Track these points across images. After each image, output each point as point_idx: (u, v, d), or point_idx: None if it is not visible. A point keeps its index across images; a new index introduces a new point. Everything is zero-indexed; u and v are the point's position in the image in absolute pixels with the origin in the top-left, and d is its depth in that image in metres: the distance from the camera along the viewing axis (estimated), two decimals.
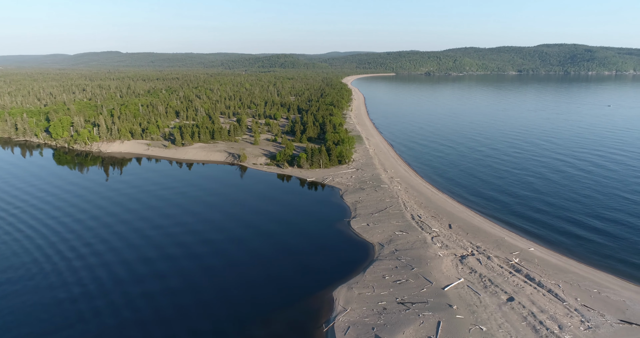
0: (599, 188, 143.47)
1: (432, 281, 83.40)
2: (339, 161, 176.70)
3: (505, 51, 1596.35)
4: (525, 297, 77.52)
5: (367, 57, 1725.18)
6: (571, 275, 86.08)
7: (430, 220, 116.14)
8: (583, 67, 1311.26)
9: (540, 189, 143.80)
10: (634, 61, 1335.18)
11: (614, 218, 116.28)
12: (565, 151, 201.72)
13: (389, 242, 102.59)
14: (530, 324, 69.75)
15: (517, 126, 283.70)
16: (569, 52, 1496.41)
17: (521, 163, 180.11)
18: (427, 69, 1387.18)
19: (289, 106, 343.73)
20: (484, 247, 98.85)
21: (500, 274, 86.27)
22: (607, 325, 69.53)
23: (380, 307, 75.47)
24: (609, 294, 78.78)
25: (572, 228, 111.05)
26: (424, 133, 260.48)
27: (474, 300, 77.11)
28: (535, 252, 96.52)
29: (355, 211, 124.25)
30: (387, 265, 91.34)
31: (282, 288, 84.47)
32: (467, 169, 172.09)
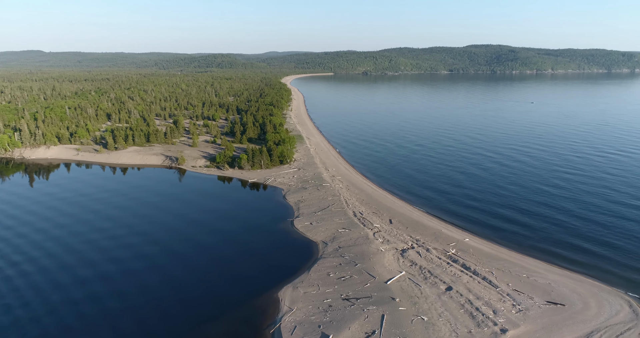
0: (522, 181, 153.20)
1: (376, 276, 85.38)
2: (280, 161, 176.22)
3: (437, 51, 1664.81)
4: (463, 286, 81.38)
5: (305, 57, 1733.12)
6: (503, 262, 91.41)
7: (372, 216, 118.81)
8: (508, 66, 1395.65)
9: (471, 183, 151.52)
10: (551, 60, 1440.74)
11: (537, 208, 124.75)
12: (492, 147, 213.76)
13: (333, 240, 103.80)
14: (468, 311, 73.31)
15: (449, 123, 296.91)
16: (494, 52, 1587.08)
17: (453, 158, 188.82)
18: (364, 69, 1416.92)
19: (227, 106, 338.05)
20: (423, 240, 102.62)
21: (439, 265, 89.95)
22: (535, 307, 74.57)
23: (326, 305, 76.19)
24: (537, 278, 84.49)
25: (501, 218, 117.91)
26: (363, 131, 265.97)
27: (415, 291, 79.84)
28: (470, 242, 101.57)
29: (298, 210, 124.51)
30: (332, 262, 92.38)
31: (225, 293, 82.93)
32: (404, 165, 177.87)
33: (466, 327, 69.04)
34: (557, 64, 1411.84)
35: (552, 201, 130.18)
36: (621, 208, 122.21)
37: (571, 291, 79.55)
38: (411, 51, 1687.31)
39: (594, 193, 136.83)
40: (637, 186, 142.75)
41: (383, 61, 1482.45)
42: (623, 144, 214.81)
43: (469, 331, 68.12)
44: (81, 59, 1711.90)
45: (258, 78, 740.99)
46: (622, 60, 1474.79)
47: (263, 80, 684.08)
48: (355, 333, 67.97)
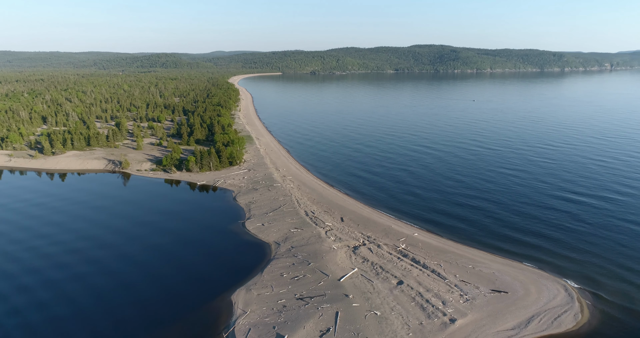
0: (463, 176, 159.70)
1: (329, 274, 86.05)
2: (230, 163, 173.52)
3: (382, 51, 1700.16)
4: (413, 279, 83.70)
5: (253, 56, 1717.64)
6: (450, 254, 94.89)
7: (324, 214, 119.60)
8: (450, 66, 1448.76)
9: (417, 179, 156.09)
10: (490, 60, 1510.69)
11: (479, 202, 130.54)
12: (435, 144, 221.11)
13: (285, 240, 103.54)
14: (419, 303, 75.50)
15: (395, 121, 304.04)
16: (437, 52, 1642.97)
17: (399, 156, 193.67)
18: (313, 69, 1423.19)
19: (173, 107, 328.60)
20: (374, 236, 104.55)
21: (390, 260, 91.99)
22: (481, 296, 78.01)
23: (280, 305, 75.91)
24: (482, 268, 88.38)
25: (446, 212, 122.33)
26: (313, 130, 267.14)
27: (367, 287, 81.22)
28: (419, 237, 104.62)
29: (249, 212, 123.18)
30: (285, 262, 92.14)
31: (177, 298, 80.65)
32: (354, 164, 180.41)
33: (417, 319, 71.10)
34: (495, 63, 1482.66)
35: (492, 194, 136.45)
36: (552, 200, 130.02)
37: (513, 279, 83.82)
38: (358, 51, 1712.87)
39: (527, 185, 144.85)
40: (564, 178, 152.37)
41: (331, 61, 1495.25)
42: (552, 138, 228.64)
43: (420, 323, 70.20)
44: (11, 58, 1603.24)
45: (205, 78, 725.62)
46: (553, 60, 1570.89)
47: (210, 80, 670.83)
48: (310, 332, 68.20)
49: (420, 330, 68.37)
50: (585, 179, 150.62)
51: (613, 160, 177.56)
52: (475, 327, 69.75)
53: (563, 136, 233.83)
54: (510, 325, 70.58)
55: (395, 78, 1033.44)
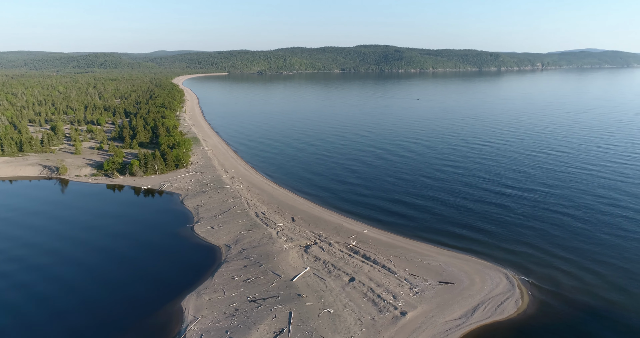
0: (408, 173, 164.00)
1: (281, 275, 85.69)
2: (176, 166, 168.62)
3: (329, 51, 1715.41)
4: (364, 275, 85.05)
5: (197, 56, 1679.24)
6: (399, 249, 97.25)
7: (274, 215, 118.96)
8: (394, 65, 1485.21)
9: (365, 176, 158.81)
10: (432, 60, 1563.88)
11: (425, 197, 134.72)
12: (381, 142, 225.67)
13: (236, 242, 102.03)
14: (370, 299, 76.82)
15: (342, 121, 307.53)
16: (382, 52, 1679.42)
17: (347, 155, 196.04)
18: (259, 68, 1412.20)
19: (114, 109, 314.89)
20: (325, 235, 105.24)
21: (341, 258, 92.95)
22: (430, 288, 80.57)
23: (233, 309, 74.71)
24: (430, 261, 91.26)
25: (395, 208, 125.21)
26: (261, 131, 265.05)
27: (320, 285, 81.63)
28: (369, 233, 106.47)
29: (198, 215, 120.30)
30: (236, 265, 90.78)
31: (125, 310, 77.35)
32: (303, 163, 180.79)
33: (369, 314, 72.33)
34: (437, 63, 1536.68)
35: (435, 190, 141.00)
36: (489, 194, 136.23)
37: (459, 271, 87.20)
38: (304, 51, 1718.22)
39: (466, 181, 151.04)
40: (499, 173, 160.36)
41: (277, 61, 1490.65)
42: (488, 135, 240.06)
43: (372, 318, 71.47)
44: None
45: (147, 79, 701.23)
46: (490, 59, 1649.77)
47: (153, 81, 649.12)
48: (263, 334, 67.61)
49: (373, 325, 69.60)
50: (517, 173, 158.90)
51: (541, 154, 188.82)
52: (425, 318, 71.93)
53: (498, 133, 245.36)
54: (457, 314, 73.38)
55: (342, 78, 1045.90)
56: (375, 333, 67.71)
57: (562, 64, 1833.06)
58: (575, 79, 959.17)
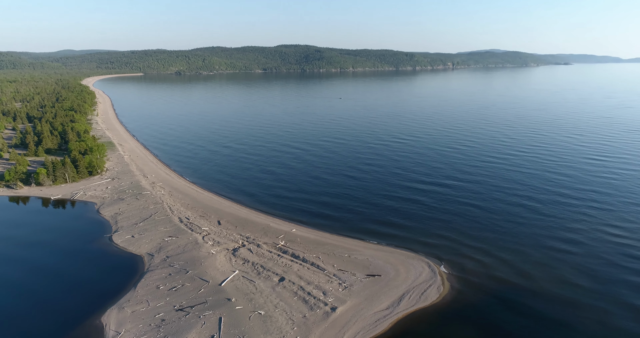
0: (332, 171, 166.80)
1: (209, 280, 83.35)
2: (89, 173, 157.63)
3: (250, 50, 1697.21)
4: (294, 274, 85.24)
5: (109, 56, 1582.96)
6: (327, 246, 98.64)
7: (199, 219, 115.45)
8: (315, 65, 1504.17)
9: (290, 176, 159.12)
10: (352, 60, 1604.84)
11: (348, 194, 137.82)
12: (304, 141, 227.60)
13: (159, 250, 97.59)
14: (301, 297, 77.16)
15: (265, 120, 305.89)
16: (303, 52, 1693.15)
17: (271, 154, 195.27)
18: (177, 69, 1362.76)
19: (14, 114, 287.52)
20: (253, 236, 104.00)
21: (270, 258, 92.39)
22: (358, 282, 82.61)
23: (159, 320, 71.38)
24: (357, 256, 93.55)
25: (321, 206, 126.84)
26: (182, 133, 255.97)
27: (250, 288, 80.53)
28: (297, 232, 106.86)
29: (116, 224, 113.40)
30: (160, 274, 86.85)
31: (35, 330, 70.83)
32: (226, 165, 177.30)
33: (301, 313, 72.63)
34: (357, 63, 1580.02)
35: (358, 186, 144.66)
36: (407, 188, 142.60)
37: (385, 263, 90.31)
38: (224, 51, 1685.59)
39: (385, 177, 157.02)
40: (414, 169, 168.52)
41: (196, 61, 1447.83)
42: (403, 132, 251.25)
43: (304, 316, 71.85)
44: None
45: (52, 80, 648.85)
46: (406, 59, 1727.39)
47: (59, 82, 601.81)
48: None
49: (304, 323, 69.99)
50: (430, 168, 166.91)
51: (451, 149, 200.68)
52: (355, 311, 73.65)
53: (413, 130, 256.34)
54: (385, 305, 75.96)
55: (263, 78, 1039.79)
56: (307, 331, 68.14)
57: (470, 63, 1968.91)
58: (482, 77, 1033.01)
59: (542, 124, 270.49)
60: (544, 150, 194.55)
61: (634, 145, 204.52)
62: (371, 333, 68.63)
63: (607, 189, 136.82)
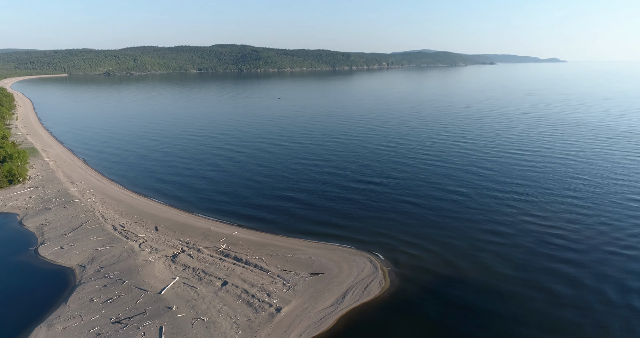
0: (270, 171, 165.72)
1: (147, 289, 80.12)
2: (10, 182, 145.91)
3: (184, 50, 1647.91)
4: (237, 277, 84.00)
5: (28, 55, 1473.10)
6: (270, 247, 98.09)
7: (135, 226, 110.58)
8: (253, 65, 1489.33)
9: (228, 177, 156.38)
10: (289, 60, 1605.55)
11: (287, 193, 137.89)
12: (242, 142, 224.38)
13: (92, 261, 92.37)
14: (245, 300, 76.20)
15: (201, 122, 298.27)
16: (239, 52, 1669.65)
17: (207, 156, 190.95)
18: (106, 69, 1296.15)
19: None
20: (193, 241, 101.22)
21: (212, 263, 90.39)
22: (302, 281, 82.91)
23: (93, 334, 67.58)
24: (300, 255, 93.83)
25: (261, 207, 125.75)
26: (112, 137, 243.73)
27: (191, 294, 78.35)
28: (239, 235, 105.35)
29: (42, 235, 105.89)
30: (94, 286, 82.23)
31: None
32: (161, 169, 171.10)
33: (245, 316, 71.73)
34: (294, 63, 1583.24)
35: (298, 186, 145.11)
36: (347, 186, 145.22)
37: (328, 260, 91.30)
38: (157, 50, 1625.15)
39: (325, 175, 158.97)
40: (354, 165, 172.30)
41: (127, 61, 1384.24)
42: (343, 130, 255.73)
43: (248, 318, 71.03)
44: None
45: None
46: (343, 59, 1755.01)
47: None
48: None
49: (249, 326, 69.21)
50: (366, 167, 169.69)
51: (385, 147, 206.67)
52: (300, 311, 73.87)
53: (348, 129, 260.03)
54: (329, 302, 76.83)
55: (199, 78, 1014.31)
56: (252, 334, 67.43)
57: (404, 63, 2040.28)
58: (415, 76, 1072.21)
59: (469, 121, 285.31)
60: (471, 146, 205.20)
61: (550, 139, 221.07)
62: (317, 331, 69.17)
63: (527, 181, 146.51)
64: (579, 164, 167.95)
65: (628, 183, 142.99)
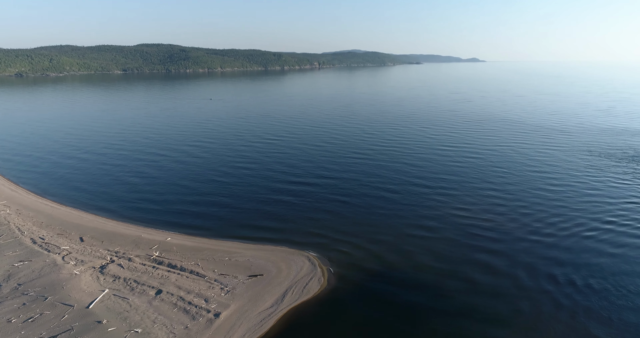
0: (201, 173, 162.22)
1: (74, 304, 75.24)
2: None
3: (106, 49, 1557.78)
4: (172, 285, 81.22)
5: None
6: (206, 251, 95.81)
7: (57, 238, 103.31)
8: (181, 65, 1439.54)
9: (157, 182, 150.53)
10: (219, 60, 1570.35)
11: (220, 196, 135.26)
12: (170, 145, 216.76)
13: (8, 278, 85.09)
14: (181, 308, 73.89)
15: (126, 125, 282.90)
16: (167, 52, 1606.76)
17: (132, 161, 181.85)
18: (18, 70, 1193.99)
19: None
20: (123, 251, 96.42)
21: (144, 272, 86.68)
22: (240, 284, 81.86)
23: None
24: (238, 258, 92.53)
25: (194, 211, 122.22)
26: (27, 143, 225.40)
27: (123, 306, 74.67)
28: (173, 241, 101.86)
29: None
30: (12, 305, 75.82)
31: None
32: (82, 175, 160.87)
33: (182, 324, 69.60)
34: (225, 63, 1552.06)
35: (231, 188, 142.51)
36: (281, 186, 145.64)
37: (266, 261, 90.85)
38: (76, 50, 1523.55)
39: (258, 176, 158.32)
40: (285, 166, 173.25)
41: (42, 61, 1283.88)
42: (276, 130, 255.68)
43: (186, 326, 68.99)
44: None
45: None
46: (274, 59, 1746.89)
47: None
48: None
49: (187, 334, 67.24)
50: (299, 168, 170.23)
51: (317, 147, 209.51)
52: (239, 314, 72.93)
53: (280, 129, 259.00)
54: (269, 303, 76.53)
55: (124, 79, 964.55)
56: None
57: (335, 63, 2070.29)
58: (346, 76, 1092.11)
59: (398, 119, 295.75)
60: (400, 143, 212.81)
61: (472, 134, 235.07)
62: (258, 333, 68.65)
63: (451, 175, 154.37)
64: (498, 158, 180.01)
65: (541, 174, 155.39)
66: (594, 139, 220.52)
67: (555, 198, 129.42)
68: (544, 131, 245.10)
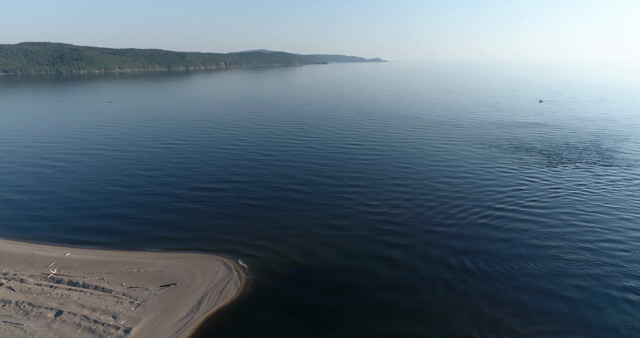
0: (97, 183, 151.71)
1: None
2: None
3: None
4: (74, 304, 74.98)
5: None
6: (112, 264, 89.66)
7: None
8: (74, 66, 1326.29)
9: (48, 192, 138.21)
10: (117, 60, 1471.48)
11: (122, 205, 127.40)
12: (61, 153, 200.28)
13: None
14: (86, 328, 68.53)
15: (8, 133, 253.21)
16: (56, 51, 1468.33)
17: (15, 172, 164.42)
18: None
19: None
20: (13, 271, 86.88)
21: (40, 292, 78.97)
22: (152, 295, 77.87)
23: None
24: (148, 268, 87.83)
25: (94, 221, 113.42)
26: None
27: (17, 333, 67.40)
28: (73, 256, 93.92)
29: None
30: None
31: None
32: None
33: None
34: (124, 63, 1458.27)
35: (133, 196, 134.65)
36: (190, 192, 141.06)
37: (179, 269, 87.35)
38: None
39: (160, 182, 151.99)
40: (195, 171, 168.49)
41: None
42: (180, 134, 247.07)
43: None
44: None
45: None
46: (178, 59, 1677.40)
47: None
48: None
49: None
50: (204, 173, 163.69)
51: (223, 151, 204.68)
52: (152, 327, 69.39)
53: (184, 133, 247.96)
54: (184, 312, 73.71)
55: (5, 81, 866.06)
56: None
57: (242, 63, 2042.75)
58: (254, 76, 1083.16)
59: (306, 119, 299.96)
60: (309, 142, 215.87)
61: (377, 132, 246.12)
62: None
63: (359, 173, 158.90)
64: (401, 153, 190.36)
65: (441, 167, 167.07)
66: (484, 132, 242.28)
67: (455, 190, 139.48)
68: (441, 126, 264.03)
